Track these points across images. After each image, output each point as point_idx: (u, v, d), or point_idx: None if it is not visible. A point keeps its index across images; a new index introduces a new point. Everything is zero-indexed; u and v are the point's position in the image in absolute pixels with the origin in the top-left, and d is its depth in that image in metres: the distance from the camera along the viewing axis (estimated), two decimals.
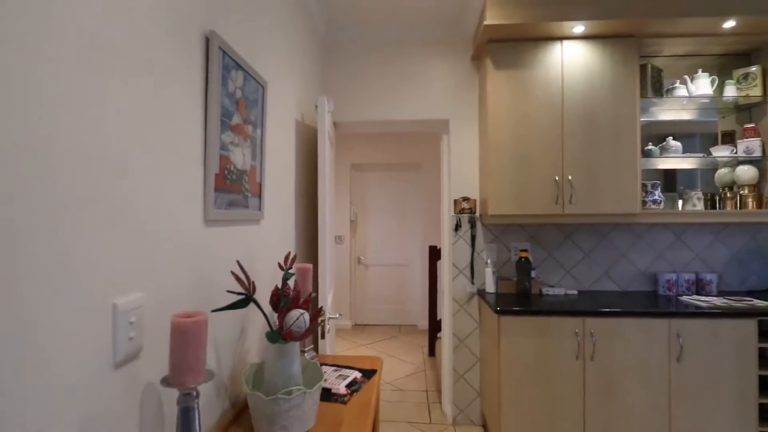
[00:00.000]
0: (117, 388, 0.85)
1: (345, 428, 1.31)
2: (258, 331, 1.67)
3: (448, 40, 2.97)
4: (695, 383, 2.19)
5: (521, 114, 2.53)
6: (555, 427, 2.24)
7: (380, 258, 5.43)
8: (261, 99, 1.63)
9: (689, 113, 2.81)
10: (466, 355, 2.87)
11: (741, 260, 2.76)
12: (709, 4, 2.33)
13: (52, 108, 0.69)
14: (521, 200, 2.52)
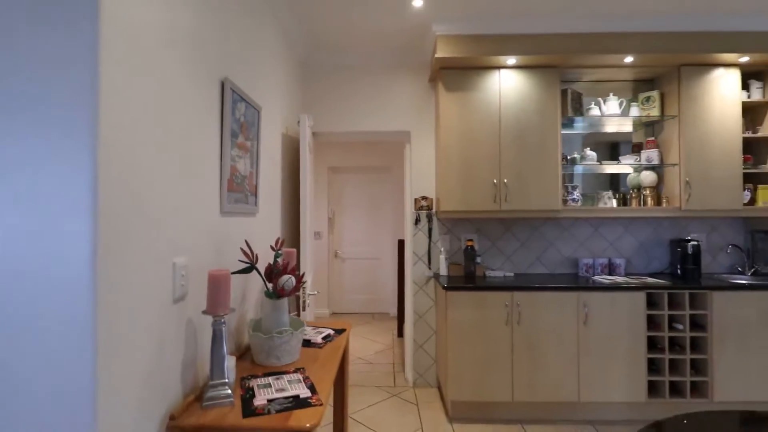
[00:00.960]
0: (174, 316, 1.35)
1: (320, 362, 1.83)
2: (254, 296, 2.18)
3: (410, 64, 3.51)
4: (598, 342, 2.80)
5: (467, 128, 3.09)
6: (490, 379, 2.81)
7: (355, 252, 5.95)
8: (257, 120, 2.14)
9: (611, 127, 3.42)
10: (424, 328, 3.43)
11: (645, 248, 3.40)
12: (612, 44, 2.95)
13: (150, 145, 1.19)
14: (467, 199, 3.09)
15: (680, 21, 2.92)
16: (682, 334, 2.80)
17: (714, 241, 3.38)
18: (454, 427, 2.78)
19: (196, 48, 1.49)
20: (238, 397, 1.44)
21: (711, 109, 3.05)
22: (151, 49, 1.21)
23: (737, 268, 3.33)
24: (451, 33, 2.96)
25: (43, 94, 0.98)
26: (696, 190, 3.03)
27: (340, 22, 2.95)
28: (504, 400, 2.81)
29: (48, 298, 0.98)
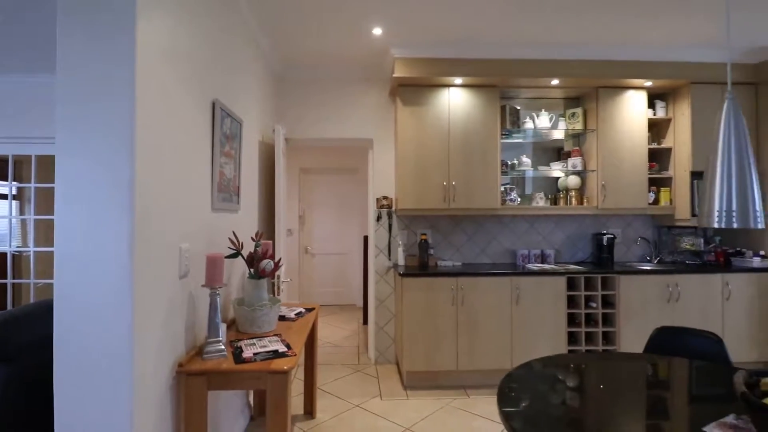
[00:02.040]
0: (179, 289, 1.76)
1: (293, 330, 2.26)
2: (236, 280, 2.58)
3: (373, 80, 3.97)
4: (527, 318, 3.34)
5: (421, 137, 3.58)
6: (438, 352, 3.31)
7: (325, 248, 6.37)
8: (239, 132, 2.54)
9: (548, 137, 3.98)
10: (385, 312, 3.90)
11: (572, 240, 4.00)
12: (541, 69, 3.50)
13: (162, 158, 1.60)
14: (421, 198, 3.57)
15: (597, 51, 3.50)
16: (595, 311, 3.39)
17: (628, 235, 4.01)
18: (408, 394, 3.26)
19: (194, 77, 1.89)
20: (230, 353, 1.86)
21: (623, 124, 3.66)
22: (165, 81, 1.61)
23: (646, 257, 3.98)
24: (407, 56, 3.43)
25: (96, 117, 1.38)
26: (610, 192, 3.63)
27: (312, 44, 3.37)
28: (450, 369, 3.32)
29: (101, 273, 1.37)
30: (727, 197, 1.18)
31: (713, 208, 1.21)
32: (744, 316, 3.43)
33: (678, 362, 1.80)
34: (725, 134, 1.21)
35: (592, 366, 1.84)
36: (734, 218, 1.18)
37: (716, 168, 1.21)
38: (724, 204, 1.18)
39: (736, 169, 1.18)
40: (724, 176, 1.19)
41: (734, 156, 1.19)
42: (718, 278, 3.43)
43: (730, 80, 1.37)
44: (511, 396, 1.47)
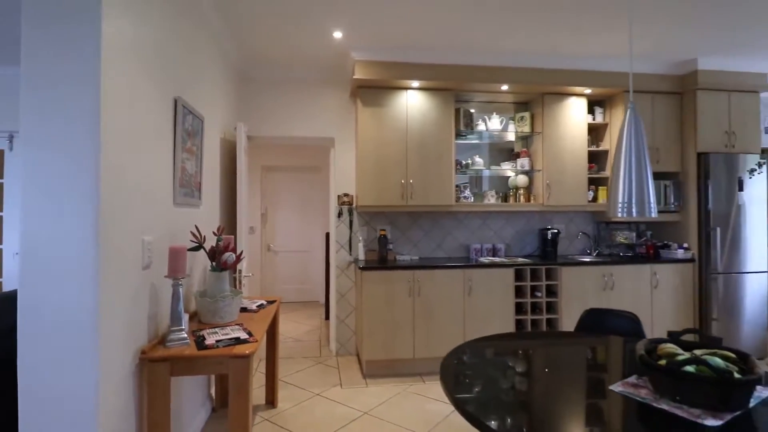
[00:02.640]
0: (142, 279, 1.82)
1: (255, 320, 2.36)
2: (197, 274, 2.63)
3: (334, 80, 4.09)
4: (479, 307, 3.58)
5: (381, 137, 3.74)
6: (396, 341, 3.48)
7: (287, 245, 6.41)
8: (201, 129, 2.60)
9: (501, 139, 4.24)
10: (346, 306, 4.04)
11: (521, 235, 4.29)
12: (492, 75, 3.74)
13: (124, 153, 1.67)
14: (380, 196, 3.73)
15: (543, 60, 3.78)
16: (540, 299, 3.68)
17: (571, 230, 4.35)
18: (367, 382, 3.41)
19: (156, 74, 1.95)
20: (193, 341, 1.94)
21: (566, 128, 3.97)
22: (129, 77, 1.67)
23: (586, 250, 4.33)
24: (367, 59, 3.58)
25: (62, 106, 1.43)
26: (554, 190, 3.93)
27: (274, 45, 3.44)
28: (407, 357, 3.50)
29: (66, 263, 1.43)
30: (628, 191, 1.40)
31: (617, 201, 1.43)
32: (669, 302, 3.82)
33: (598, 337, 2.05)
34: (627, 138, 1.43)
35: (519, 342, 2.05)
36: (634, 209, 1.40)
37: (620, 167, 1.43)
38: (626, 197, 1.41)
39: (635, 168, 1.41)
40: (626, 174, 1.42)
41: (633, 157, 1.41)
42: (648, 268, 3.81)
43: (632, 91, 1.61)
44: (452, 372, 1.65)
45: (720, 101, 3.91)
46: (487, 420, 1.23)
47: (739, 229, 3.86)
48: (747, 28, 3.21)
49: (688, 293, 3.86)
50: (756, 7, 2.89)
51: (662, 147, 4.00)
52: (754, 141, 3.97)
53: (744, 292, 3.86)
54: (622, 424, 1.26)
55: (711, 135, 3.90)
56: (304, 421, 2.77)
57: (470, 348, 1.92)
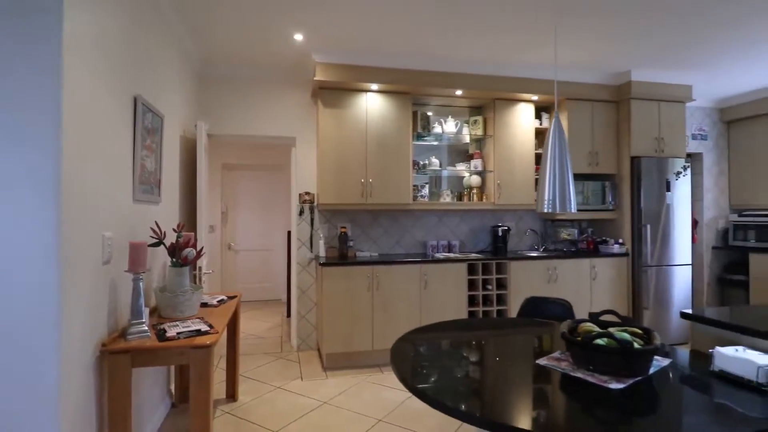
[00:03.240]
0: (103, 274, 1.86)
1: (215, 314, 2.42)
2: (156, 270, 2.66)
3: (296, 80, 4.17)
4: (434, 300, 3.77)
5: (341, 137, 3.86)
6: (355, 334, 3.61)
7: (248, 244, 6.39)
8: (161, 126, 2.62)
9: (459, 141, 4.46)
10: (307, 301, 4.13)
11: (475, 232, 4.53)
12: (447, 80, 3.95)
13: (81, 147, 1.71)
14: (341, 194, 3.85)
15: (494, 68, 4.02)
16: (491, 292, 3.92)
17: (520, 227, 4.64)
18: (327, 374, 3.52)
19: (116, 71, 1.99)
20: (153, 334, 1.99)
21: (514, 132, 4.24)
22: (89, 74, 1.72)
23: (534, 246, 4.63)
24: (328, 61, 3.69)
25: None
26: (504, 190, 4.20)
27: (235, 45, 3.48)
28: (366, 350, 3.64)
29: (28, 257, 1.46)
30: (553, 190, 1.61)
31: (544, 198, 1.63)
32: (606, 292, 4.18)
33: (534, 321, 2.28)
34: (552, 145, 1.64)
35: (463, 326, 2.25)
36: (557, 205, 1.61)
37: (546, 169, 1.63)
38: (551, 195, 1.61)
39: (558, 170, 1.61)
40: (551, 175, 1.62)
41: (557, 161, 1.62)
42: (588, 262, 4.14)
43: (557, 101, 1.82)
44: (401, 353, 1.81)
45: (651, 110, 4.30)
46: (418, 384, 1.39)
47: (668, 226, 4.27)
48: (674, 46, 3.58)
49: (623, 284, 4.24)
50: (680, 29, 3.24)
51: (601, 151, 4.36)
52: (680, 146, 4.40)
53: (672, 283, 4.28)
54: (544, 391, 1.45)
55: (643, 141, 4.29)
56: (265, 412, 2.86)
57: (418, 333, 2.08)
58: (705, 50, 3.69)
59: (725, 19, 3.09)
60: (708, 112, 5.26)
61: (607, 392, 1.38)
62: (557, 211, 1.61)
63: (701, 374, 1.54)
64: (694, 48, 3.64)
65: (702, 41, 3.50)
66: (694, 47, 3.62)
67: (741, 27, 3.22)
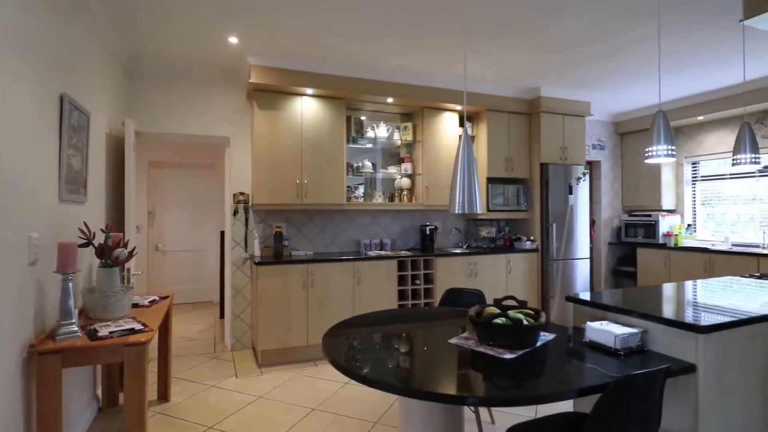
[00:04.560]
0: (29, 275, 1.85)
1: (148, 314, 2.44)
2: (83, 272, 2.60)
3: (231, 81, 4.18)
4: (367, 296, 4.00)
5: (276, 139, 3.95)
6: (290, 330, 3.73)
7: (178, 244, 6.20)
8: (87, 124, 2.57)
9: (393, 145, 4.71)
10: (241, 301, 4.16)
11: (405, 231, 4.83)
12: (378, 88, 4.18)
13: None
14: (275, 194, 3.94)
15: (422, 78, 4.34)
16: (419, 286, 4.23)
17: (447, 226, 5.02)
18: (262, 371, 3.61)
19: (40, 69, 1.96)
20: (84, 334, 1.99)
21: (441, 139, 4.60)
22: (8, 73, 1.71)
23: (458, 243, 5.04)
24: (263, 64, 3.76)
25: None
26: (432, 192, 4.53)
27: (167, 43, 3.44)
28: (301, 345, 3.77)
29: None
30: (461, 193, 1.89)
31: (455, 200, 1.91)
32: (520, 284, 4.67)
33: (451, 308, 2.58)
34: (462, 154, 1.92)
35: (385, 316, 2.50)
36: (466, 206, 1.89)
37: (457, 175, 1.91)
38: (460, 197, 1.89)
39: (467, 176, 1.90)
40: (461, 180, 1.90)
41: (466, 168, 1.90)
42: (504, 257, 4.60)
43: (466, 115, 2.09)
44: (332, 341, 2.00)
45: (557, 122, 4.88)
46: (341, 361, 1.60)
47: (571, 225, 4.87)
48: (575, 67, 4.11)
49: (534, 276, 4.76)
50: (579, 54, 3.75)
51: (515, 157, 4.85)
52: (580, 155, 5.03)
53: (574, 274, 4.88)
54: (451, 363, 1.72)
55: (550, 149, 4.85)
56: (199, 409, 2.90)
57: (348, 323, 2.29)
58: (600, 72, 4.28)
59: (615, 47, 3.64)
60: (605, 125, 6.03)
61: (503, 362, 1.67)
62: (466, 212, 1.89)
63: (576, 345, 1.90)
64: (591, 70, 4.21)
65: (598, 64, 4.06)
66: (591, 69, 4.19)
67: (626, 55, 3.81)
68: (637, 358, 1.72)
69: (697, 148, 5.52)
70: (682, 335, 1.71)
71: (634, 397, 1.40)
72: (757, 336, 1.83)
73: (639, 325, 1.86)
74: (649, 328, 1.84)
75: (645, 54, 3.79)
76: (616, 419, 1.38)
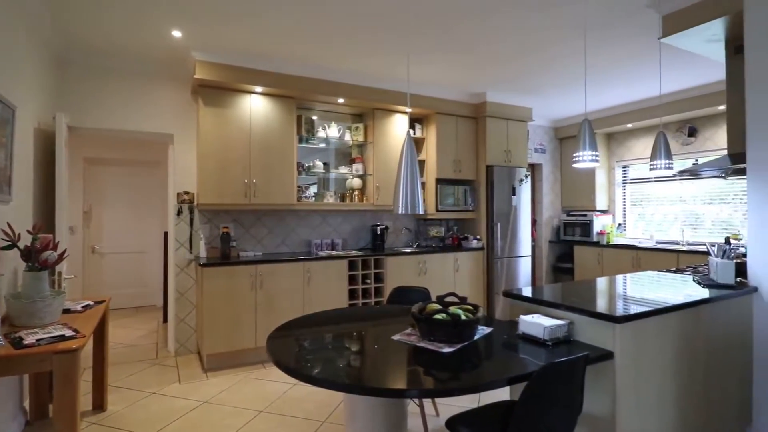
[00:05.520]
0: None
1: (80, 320, 2.32)
2: (7, 276, 2.43)
3: (175, 75, 4.02)
4: (317, 295, 4.00)
5: (223, 137, 3.85)
6: (238, 333, 3.66)
7: (118, 246, 5.87)
8: (12, 118, 2.40)
9: (344, 145, 4.72)
10: (186, 304, 4.03)
11: (357, 231, 4.87)
12: (329, 89, 4.19)
13: None
14: (222, 194, 3.85)
15: (373, 80, 4.39)
16: (370, 285, 4.29)
17: (397, 226, 5.11)
18: (208, 375, 3.52)
19: None
20: (8, 343, 1.87)
21: (392, 140, 4.68)
22: None
23: (409, 243, 5.15)
24: (209, 60, 3.66)
25: None
26: (383, 192, 4.61)
27: (105, 34, 3.26)
28: (249, 347, 3.71)
29: None
30: (404, 194, 1.96)
31: (399, 201, 1.97)
32: (467, 281, 4.85)
33: (398, 306, 2.65)
34: (406, 154, 1.99)
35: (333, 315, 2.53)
36: (408, 207, 1.96)
37: (400, 177, 1.98)
38: (404, 198, 1.96)
39: (410, 177, 1.97)
40: (404, 182, 1.97)
41: (409, 170, 1.97)
42: (452, 256, 4.76)
43: (411, 118, 2.18)
44: (277, 342, 2.00)
45: (501, 127, 5.11)
46: (285, 362, 1.62)
47: (514, 224, 5.12)
48: (516, 77, 4.33)
49: (480, 274, 4.96)
50: (520, 64, 3.96)
51: (463, 159, 5.04)
52: (523, 158, 5.30)
53: (517, 271, 5.14)
54: (394, 359, 1.78)
55: (495, 152, 5.07)
56: (138, 418, 2.78)
57: (294, 323, 2.30)
58: (539, 82, 4.54)
59: (549, 60, 3.88)
60: (546, 130, 6.38)
61: (442, 355, 1.76)
62: (409, 212, 1.96)
63: (511, 337, 2.02)
64: (531, 80, 4.46)
65: (536, 75, 4.31)
66: (531, 79, 4.44)
67: (560, 67, 4.07)
68: (564, 348, 1.87)
69: (627, 153, 5.99)
70: (602, 325, 1.88)
71: (556, 384, 1.52)
72: (669, 324, 2.04)
73: (566, 317, 2.01)
74: (575, 319, 1.99)
75: (576, 67, 4.06)
76: (542, 404, 1.50)
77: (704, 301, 2.17)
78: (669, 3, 2.80)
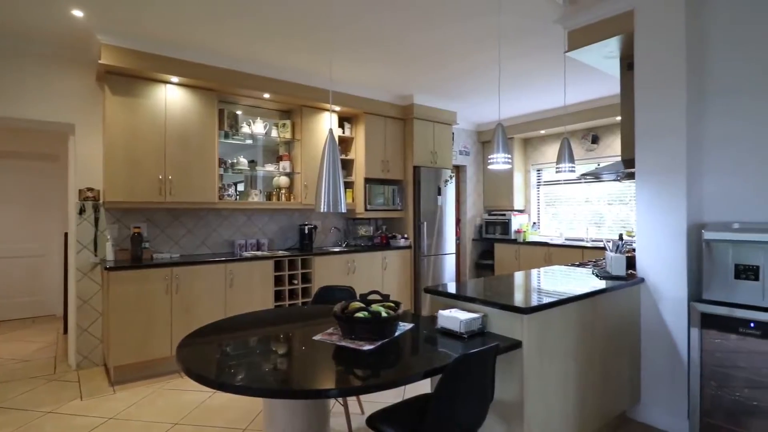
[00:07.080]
0: None
1: None
2: None
3: (77, 60, 3.62)
4: (240, 298, 3.83)
5: (134, 129, 3.55)
6: (151, 341, 3.40)
7: (10, 249, 5.17)
8: None
9: (271, 142, 4.55)
10: (90, 312, 3.65)
11: (284, 230, 4.75)
12: (254, 83, 4.05)
13: None
14: (133, 191, 3.55)
15: (301, 77, 4.31)
16: (296, 286, 4.20)
17: (326, 225, 5.07)
18: (115, 389, 3.22)
19: None
20: None
21: (320, 138, 4.62)
22: None
23: (338, 242, 5.13)
24: (116, 44, 3.35)
25: None
26: (311, 191, 4.54)
27: None
28: (164, 356, 3.46)
29: None
30: (327, 192, 1.94)
31: (321, 200, 1.95)
32: (395, 279, 4.94)
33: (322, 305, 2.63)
34: (327, 156, 1.98)
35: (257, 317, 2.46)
36: (331, 205, 1.95)
37: (323, 176, 1.96)
38: (326, 197, 1.94)
39: (332, 176, 1.96)
40: (327, 180, 1.95)
41: (332, 169, 1.96)
42: (380, 255, 4.82)
43: (331, 121, 2.19)
44: (188, 350, 1.89)
45: (427, 129, 5.27)
46: (196, 370, 1.54)
47: (440, 223, 5.30)
48: (441, 82, 4.49)
49: (407, 272, 5.08)
50: (445, 71, 4.10)
51: (391, 160, 5.12)
52: (448, 159, 5.51)
53: (443, 268, 5.33)
54: (314, 359, 1.76)
55: (422, 153, 5.22)
56: None
57: (208, 329, 2.18)
58: (462, 88, 4.75)
59: (470, 68, 4.07)
60: (470, 134, 6.70)
61: (363, 353, 1.76)
62: (331, 211, 1.95)
63: (430, 332, 2.09)
64: (454, 86, 4.65)
65: (458, 81, 4.50)
66: (454, 85, 4.63)
67: (480, 75, 4.29)
68: (479, 340, 1.97)
69: (541, 158, 6.47)
70: (511, 317, 2.01)
71: (469, 374, 1.60)
72: (570, 313, 2.23)
73: (481, 311, 2.12)
74: (488, 312, 2.11)
75: (494, 75, 4.32)
76: (455, 394, 1.57)
77: (600, 292, 2.40)
78: (574, 19, 3.06)
